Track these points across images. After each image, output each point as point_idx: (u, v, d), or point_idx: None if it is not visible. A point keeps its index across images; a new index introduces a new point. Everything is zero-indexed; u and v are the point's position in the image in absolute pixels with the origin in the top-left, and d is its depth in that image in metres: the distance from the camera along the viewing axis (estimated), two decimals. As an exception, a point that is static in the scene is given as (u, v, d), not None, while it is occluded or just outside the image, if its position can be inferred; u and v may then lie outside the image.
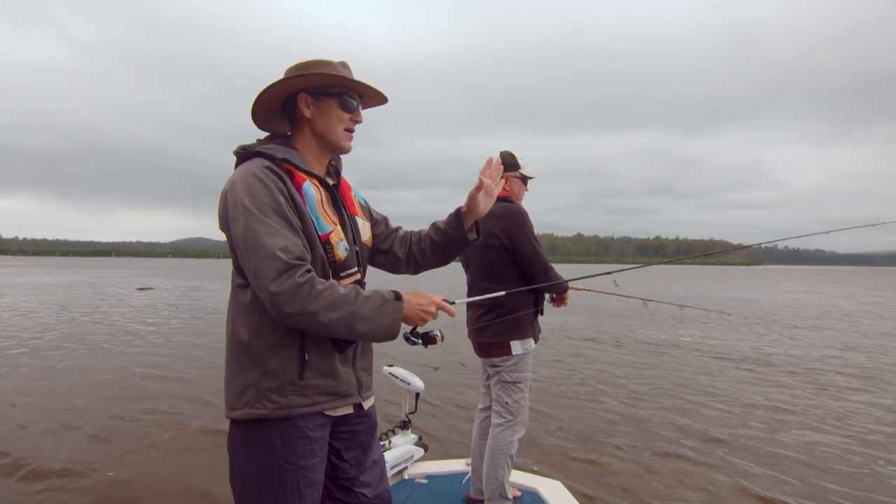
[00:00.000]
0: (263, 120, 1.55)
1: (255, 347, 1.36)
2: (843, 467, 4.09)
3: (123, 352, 8.74)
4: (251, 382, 1.36)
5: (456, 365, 7.68)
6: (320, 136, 1.49)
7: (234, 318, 1.41)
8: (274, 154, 1.40)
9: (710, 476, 3.91)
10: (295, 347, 1.37)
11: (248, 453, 1.38)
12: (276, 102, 1.51)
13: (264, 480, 1.36)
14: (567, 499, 2.89)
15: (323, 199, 1.45)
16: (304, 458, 1.38)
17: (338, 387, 1.44)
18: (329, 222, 1.43)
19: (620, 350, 9.44)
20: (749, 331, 11.94)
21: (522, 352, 2.61)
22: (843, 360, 8.66)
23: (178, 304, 17.07)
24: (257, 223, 1.28)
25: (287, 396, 1.36)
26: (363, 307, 1.34)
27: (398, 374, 3.25)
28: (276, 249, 1.26)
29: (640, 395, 6.25)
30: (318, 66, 1.45)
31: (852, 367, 8.06)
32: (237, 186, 1.34)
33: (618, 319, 13.78)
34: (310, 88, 1.46)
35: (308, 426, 1.39)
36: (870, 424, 5.18)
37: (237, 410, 1.38)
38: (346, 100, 1.48)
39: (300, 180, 1.41)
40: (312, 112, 1.47)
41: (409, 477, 3.16)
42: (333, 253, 1.42)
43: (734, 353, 9.16)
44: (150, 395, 6.09)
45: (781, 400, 6.07)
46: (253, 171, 1.34)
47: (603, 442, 4.64)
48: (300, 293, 1.26)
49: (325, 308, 1.29)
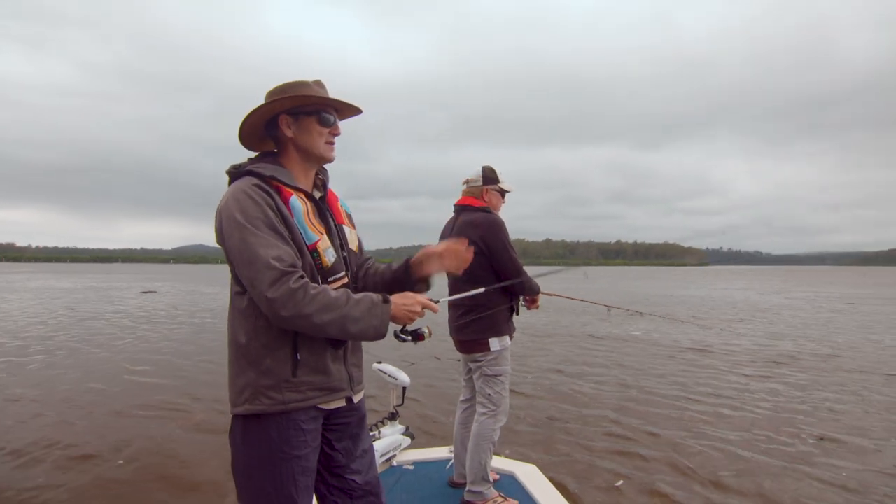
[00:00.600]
0: (250, 142, 1.55)
1: (252, 349, 1.37)
2: (765, 445, 4.18)
3: (125, 349, 8.53)
4: (249, 381, 1.37)
5: (435, 360, 7.64)
6: (304, 151, 1.49)
7: (233, 323, 1.42)
8: (262, 172, 1.40)
9: (676, 456, 3.95)
10: (288, 348, 1.38)
11: (247, 445, 1.39)
12: (259, 126, 1.50)
13: (262, 469, 1.38)
14: (542, 480, 2.90)
15: (309, 211, 1.45)
16: (297, 448, 1.39)
17: (330, 382, 1.44)
18: (315, 232, 1.43)
19: (583, 343, 9.51)
20: (694, 326, 12.15)
21: (500, 348, 2.61)
22: (770, 347, 8.86)
23: (178, 306, 16.76)
24: (251, 236, 1.29)
25: (283, 393, 1.37)
26: (354, 309, 1.35)
27: (386, 370, 3.22)
28: (271, 259, 1.28)
29: (602, 384, 6.30)
30: (294, 88, 1.45)
31: (776, 352, 8.27)
32: (230, 204, 1.34)
33: (583, 317, 13.90)
34: (289, 110, 1.46)
35: (302, 419, 1.40)
36: (784, 402, 5.32)
37: (238, 407, 1.39)
38: (324, 116, 1.48)
39: (287, 195, 1.41)
40: (294, 131, 1.47)
41: (397, 464, 3.13)
42: (321, 260, 1.43)
43: (678, 345, 9.30)
44: (153, 390, 5.93)
45: (732, 389, 6.18)
46: (243, 189, 1.35)
47: (571, 427, 4.65)
48: (295, 298, 1.27)
49: (319, 311, 1.30)
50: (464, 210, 2.72)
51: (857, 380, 6.50)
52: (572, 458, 3.92)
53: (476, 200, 2.71)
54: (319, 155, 1.49)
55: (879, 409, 5.21)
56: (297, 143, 1.48)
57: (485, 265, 2.58)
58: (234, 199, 1.34)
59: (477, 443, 2.58)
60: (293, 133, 1.47)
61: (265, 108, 1.44)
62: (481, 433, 2.58)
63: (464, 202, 2.74)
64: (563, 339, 9.94)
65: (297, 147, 1.48)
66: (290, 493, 1.39)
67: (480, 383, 2.65)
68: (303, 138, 1.47)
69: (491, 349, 2.59)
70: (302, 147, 1.48)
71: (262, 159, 1.49)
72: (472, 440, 2.61)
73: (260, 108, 1.44)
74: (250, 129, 1.50)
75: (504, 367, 2.64)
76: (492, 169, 2.74)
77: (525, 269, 2.64)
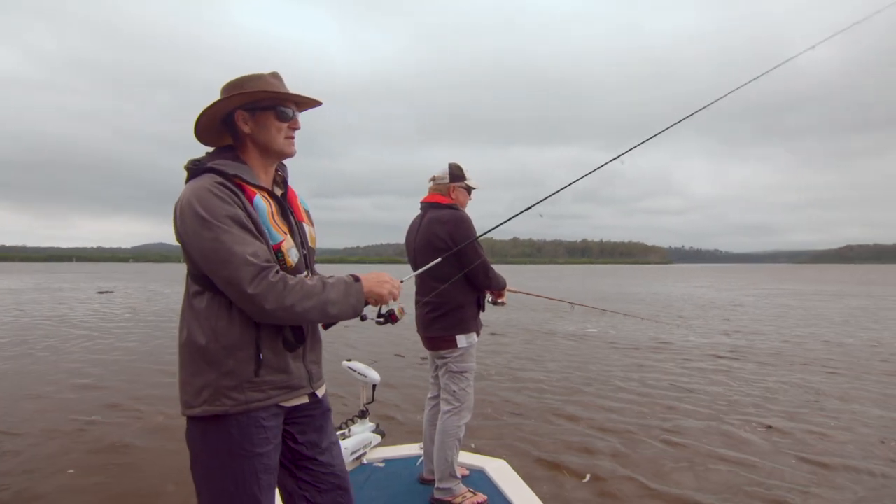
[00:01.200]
0: (206, 139, 1.51)
1: (212, 350, 1.34)
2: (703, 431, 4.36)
3: (72, 351, 8.19)
4: (208, 382, 1.34)
5: (404, 358, 7.64)
6: (263, 147, 1.46)
7: (190, 324, 1.37)
8: (225, 170, 1.37)
9: (637, 448, 4.07)
10: (251, 348, 1.36)
11: (207, 445, 1.37)
12: (215, 122, 1.46)
13: (223, 469, 1.36)
14: (511, 475, 2.93)
15: (273, 211, 1.43)
16: (259, 445, 1.38)
17: (290, 380, 1.44)
18: (280, 232, 1.42)
19: (542, 340, 9.67)
20: (653, 322, 12.51)
21: (467, 345, 2.63)
22: (722, 343, 9.24)
23: (135, 307, 16.15)
24: (224, 234, 1.27)
25: (245, 393, 1.36)
26: (331, 293, 1.38)
27: (356, 368, 3.20)
28: (248, 255, 1.27)
29: (564, 379, 6.44)
30: (249, 82, 1.42)
31: (726, 346, 8.64)
32: (194, 202, 1.30)
33: (547, 314, 14.12)
34: (245, 105, 1.42)
35: (263, 416, 1.39)
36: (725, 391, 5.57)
37: (195, 408, 1.36)
38: (281, 111, 1.44)
39: (251, 194, 1.39)
40: (251, 127, 1.44)
41: (367, 461, 3.12)
42: (285, 260, 1.42)
43: (638, 341, 9.59)
44: (101, 394, 5.73)
45: (687, 380, 6.41)
46: (208, 188, 1.32)
47: (537, 423, 4.74)
48: (275, 290, 1.29)
49: (300, 300, 1.32)
50: (431, 207, 2.72)
51: (802, 372, 6.85)
52: (540, 453, 3.99)
53: (443, 197, 2.72)
54: (279, 151, 1.47)
55: (823, 398, 5.50)
56: (255, 139, 1.44)
57: (452, 262, 2.56)
58: (198, 198, 1.30)
59: (442, 440, 2.60)
60: (250, 129, 1.43)
61: (219, 106, 1.41)
62: (446, 430, 2.60)
63: (431, 199, 2.75)
64: (520, 335, 10.09)
65: (256, 143, 1.45)
66: (252, 492, 1.37)
67: (446, 379, 2.66)
68: (261, 134, 1.44)
69: (458, 346, 2.61)
70: (260, 143, 1.45)
71: (221, 154, 1.45)
72: (437, 437, 2.63)
73: (214, 106, 1.41)
74: (206, 126, 1.46)
75: (470, 363, 2.66)
76: (458, 166, 2.75)
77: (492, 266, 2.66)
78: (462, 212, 2.69)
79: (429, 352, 2.80)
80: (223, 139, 1.52)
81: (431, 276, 2.63)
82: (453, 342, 2.61)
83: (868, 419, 4.78)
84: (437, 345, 2.67)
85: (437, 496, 2.62)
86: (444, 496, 2.61)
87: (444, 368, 2.68)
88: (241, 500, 1.37)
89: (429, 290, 2.65)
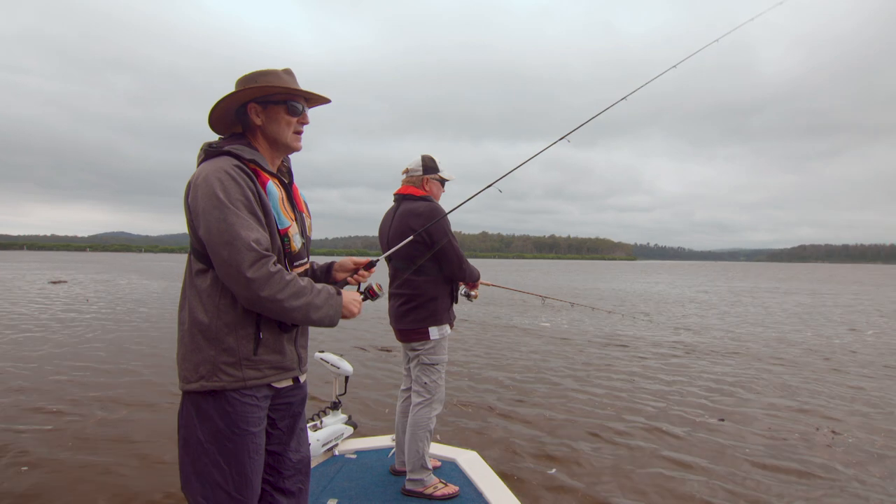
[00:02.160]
0: (220, 128, 1.57)
1: (213, 328, 1.38)
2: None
3: (24, 342, 7.79)
4: (207, 359, 1.37)
5: (377, 350, 7.62)
6: (272, 139, 1.53)
7: (191, 302, 1.41)
8: (242, 154, 1.43)
9: (600, 434, 4.19)
10: (252, 327, 1.41)
11: (201, 422, 1.39)
12: (229, 112, 1.53)
13: (217, 446, 1.38)
14: (482, 467, 2.97)
15: (283, 197, 1.50)
16: (253, 424, 1.42)
17: (284, 362, 1.49)
18: (288, 217, 1.49)
19: (511, 335, 9.81)
20: (612, 318, 12.81)
21: (439, 336, 2.66)
22: (680, 337, 9.57)
23: (89, 297, 15.53)
24: (233, 216, 1.32)
25: (242, 370, 1.40)
26: (317, 298, 1.43)
27: (329, 360, 3.19)
28: (251, 241, 1.32)
29: (528, 371, 6.56)
30: (263, 77, 1.49)
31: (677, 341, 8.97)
32: (211, 181, 1.35)
33: (516, 308, 14.28)
34: (258, 98, 1.50)
35: (257, 396, 1.43)
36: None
37: (192, 383, 1.39)
38: (292, 105, 1.52)
39: (265, 179, 1.45)
40: (262, 119, 1.51)
41: (339, 453, 3.12)
42: (290, 245, 1.49)
43: (602, 335, 9.82)
44: (72, 384, 5.49)
45: (649, 370, 6.62)
46: (225, 169, 1.36)
47: (507, 415, 4.81)
48: (273, 280, 1.33)
49: (291, 296, 1.36)
50: (405, 199, 2.72)
51: (756, 366, 7.16)
52: (509, 444, 4.06)
53: (417, 189, 2.72)
54: (286, 144, 1.54)
55: (769, 389, 5.78)
56: (265, 131, 1.52)
57: (426, 253, 2.60)
58: (216, 178, 1.35)
59: (413, 432, 2.62)
60: (262, 121, 1.51)
61: (234, 97, 1.47)
62: (417, 422, 2.62)
63: (404, 191, 2.74)
64: (494, 330, 10.20)
65: (265, 135, 1.52)
66: (245, 472, 1.39)
67: (417, 371, 2.68)
68: (271, 127, 1.51)
69: (430, 337, 2.63)
70: (270, 135, 1.52)
71: (235, 140, 1.51)
72: (408, 430, 2.65)
73: (229, 98, 1.47)
74: (220, 115, 1.52)
75: (441, 356, 2.68)
76: (431, 158, 2.75)
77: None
78: (436, 204, 2.70)
79: (401, 344, 2.80)
80: (233, 129, 1.58)
81: (407, 267, 2.64)
82: (425, 334, 2.63)
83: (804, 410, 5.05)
84: (409, 337, 2.68)
85: (409, 487, 2.64)
86: (415, 487, 2.63)
87: (415, 360, 2.70)
88: (233, 479, 1.38)
89: (402, 282, 2.66)
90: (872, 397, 5.51)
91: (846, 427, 4.52)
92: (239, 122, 1.55)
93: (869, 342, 9.27)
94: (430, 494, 2.61)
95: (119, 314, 11.59)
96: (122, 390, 5.38)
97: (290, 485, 1.58)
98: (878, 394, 5.66)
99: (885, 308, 16.13)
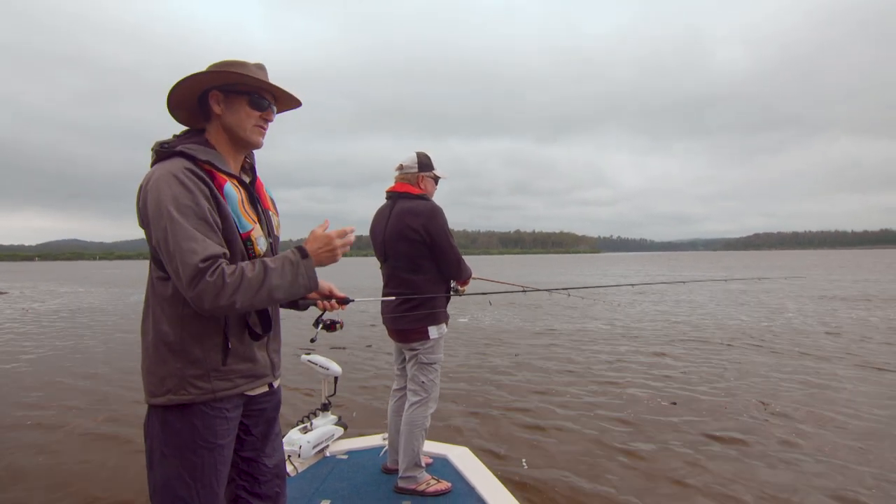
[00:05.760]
0: (178, 115, 1.49)
1: (177, 338, 1.32)
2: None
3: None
4: (173, 371, 1.32)
5: (366, 349, 7.57)
6: (230, 131, 1.45)
7: (155, 311, 1.35)
8: (196, 155, 1.35)
9: (585, 431, 4.32)
10: (219, 336, 1.36)
11: (166, 436, 1.34)
12: (189, 98, 1.45)
13: (182, 460, 1.34)
14: (474, 462, 3.00)
15: (243, 199, 1.43)
16: (221, 437, 1.38)
17: (256, 369, 1.45)
18: (249, 220, 1.42)
19: (496, 332, 9.92)
20: (575, 310, 13.09)
21: (438, 335, 2.66)
22: (645, 327, 9.92)
23: (29, 309, 14.75)
24: (177, 226, 1.24)
25: (211, 382, 1.35)
26: (275, 278, 1.31)
27: (317, 361, 3.17)
28: (191, 253, 1.23)
29: (513, 367, 6.68)
30: (230, 65, 1.42)
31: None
32: (160, 187, 1.27)
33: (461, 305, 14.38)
34: (222, 86, 1.42)
35: (227, 407, 1.39)
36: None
37: (159, 397, 1.33)
38: (256, 99, 1.45)
39: (221, 181, 1.38)
40: (222, 108, 1.44)
41: (330, 454, 3.10)
42: (254, 248, 1.42)
43: (578, 329, 10.05)
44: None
45: (627, 362, 6.84)
46: (174, 174, 1.29)
47: (494, 411, 4.90)
48: (212, 291, 1.23)
49: (241, 295, 1.26)
50: (401, 197, 2.69)
51: (713, 350, 7.50)
52: (498, 439, 4.12)
53: (413, 188, 2.69)
54: (244, 137, 1.45)
55: (731, 374, 6.04)
56: (224, 121, 1.44)
57: (425, 253, 2.61)
58: (166, 183, 1.27)
59: (409, 430, 2.62)
60: (221, 110, 1.43)
61: (192, 79, 1.39)
62: (413, 421, 2.63)
63: (399, 189, 2.70)
64: (476, 328, 10.29)
65: (224, 126, 1.44)
66: (210, 485, 1.36)
67: (415, 371, 2.67)
68: (230, 117, 1.43)
69: (430, 337, 2.63)
70: (228, 126, 1.44)
71: (190, 139, 1.43)
72: (404, 428, 2.64)
73: (189, 78, 1.39)
74: (178, 100, 1.44)
75: (438, 355, 2.69)
76: (426, 155, 2.72)
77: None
78: (434, 202, 2.68)
79: (396, 344, 2.80)
80: (196, 121, 1.50)
81: (404, 267, 2.64)
82: (425, 334, 2.63)
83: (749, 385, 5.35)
84: (407, 337, 2.67)
85: (402, 485, 2.65)
86: (407, 484, 2.64)
87: (413, 360, 2.69)
88: (198, 493, 1.34)
89: (399, 282, 2.66)
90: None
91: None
92: (201, 114, 1.48)
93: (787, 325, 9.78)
94: (422, 491, 2.62)
95: (60, 327, 11.07)
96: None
97: (268, 489, 1.56)
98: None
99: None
